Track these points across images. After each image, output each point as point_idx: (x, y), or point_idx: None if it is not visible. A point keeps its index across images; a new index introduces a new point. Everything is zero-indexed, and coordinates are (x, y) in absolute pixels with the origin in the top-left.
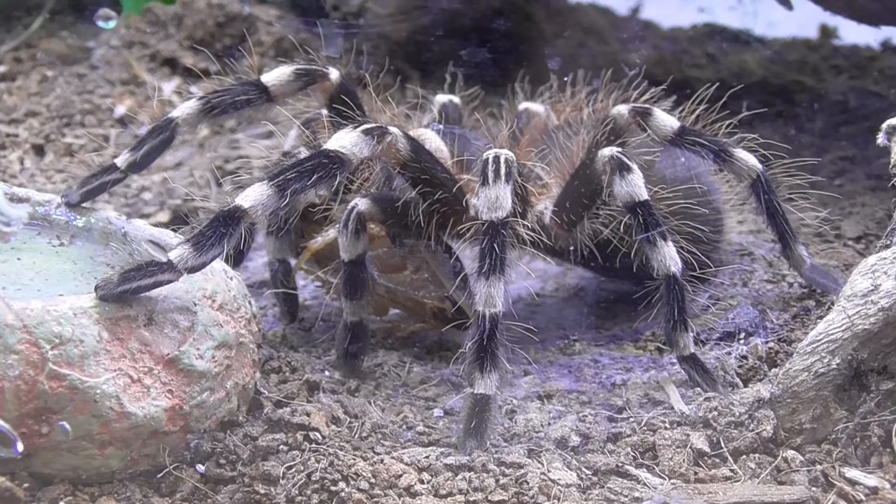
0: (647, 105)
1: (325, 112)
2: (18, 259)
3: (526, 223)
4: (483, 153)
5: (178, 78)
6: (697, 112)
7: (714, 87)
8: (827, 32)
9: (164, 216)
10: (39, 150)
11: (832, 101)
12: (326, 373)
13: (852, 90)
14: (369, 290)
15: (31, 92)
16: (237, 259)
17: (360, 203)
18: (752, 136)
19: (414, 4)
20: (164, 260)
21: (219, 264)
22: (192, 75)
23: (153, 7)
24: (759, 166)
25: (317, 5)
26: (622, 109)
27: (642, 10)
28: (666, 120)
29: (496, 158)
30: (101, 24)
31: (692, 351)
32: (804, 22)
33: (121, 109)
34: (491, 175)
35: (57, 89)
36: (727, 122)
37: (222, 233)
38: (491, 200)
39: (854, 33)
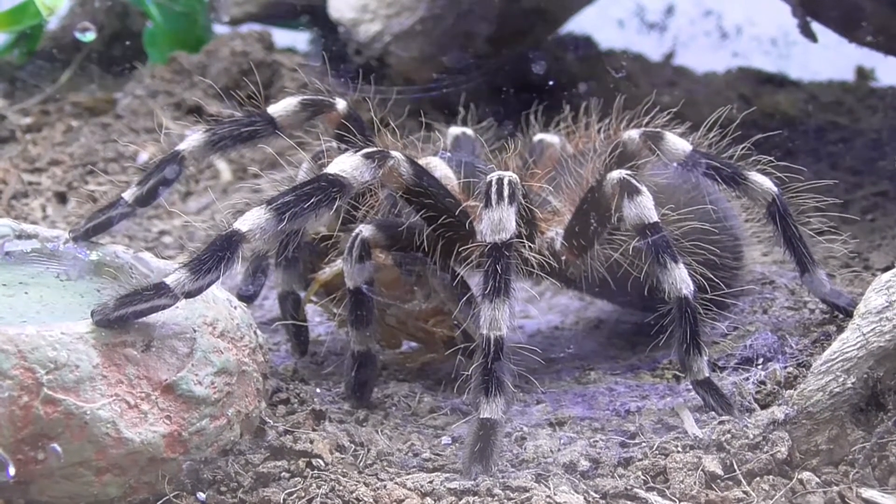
0: (657, 129)
1: (335, 143)
2: (26, 293)
3: (533, 246)
4: (487, 176)
5: (202, 125)
6: (711, 137)
7: (728, 108)
8: (864, 74)
9: (184, 259)
10: (62, 198)
11: (867, 139)
12: (336, 405)
13: (887, 128)
14: (376, 319)
15: (55, 142)
16: (251, 296)
17: (365, 230)
18: (767, 158)
19: (437, 48)
20: (161, 284)
21: (222, 293)
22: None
23: (178, 56)
24: (775, 189)
25: (340, 51)
26: (633, 134)
27: (675, 56)
28: (677, 143)
29: (499, 180)
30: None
31: (706, 375)
32: (842, 65)
33: (143, 156)
34: (494, 197)
35: (81, 139)
36: (741, 146)
37: (220, 257)
38: (494, 222)
39: (892, 75)
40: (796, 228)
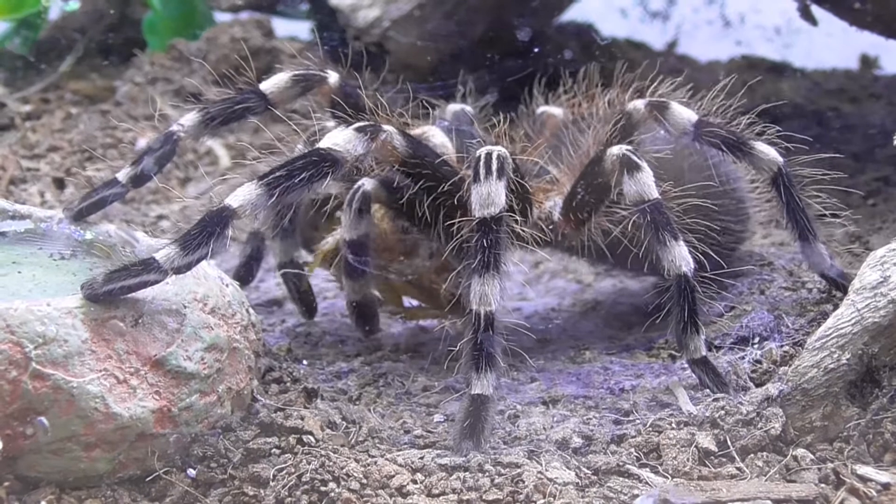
0: (663, 99)
1: (330, 123)
2: (19, 272)
3: (526, 220)
4: (476, 150)
5: (196, 105)
6: (715, 105)
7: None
8: (868, 62)
9: (174, 235)
10: (60, 184)
11: (869, 125)
12: (329, 383)
13: (890, 115)
14: (375, 276)
15: (54, 129)
16: (247, 277)
17: (367, 183)
18: (774, 128)
19: (437, 34)
20: (150, 259)
21: (214, 271)
22: None
23: (177, 43)
24: (780, 159)
25: (339, 37)
26: (638, 104)
27: (679, 45)
28: (683, 113)
29: (488, 155)
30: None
31: (703, 354)
32: (846, 53)
33: (142, 143)
34: (483, 171)
35: (80, 125)
36: (746, 116)
37: (210, 233)
38: (483, 197)
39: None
40: (800, 200)
